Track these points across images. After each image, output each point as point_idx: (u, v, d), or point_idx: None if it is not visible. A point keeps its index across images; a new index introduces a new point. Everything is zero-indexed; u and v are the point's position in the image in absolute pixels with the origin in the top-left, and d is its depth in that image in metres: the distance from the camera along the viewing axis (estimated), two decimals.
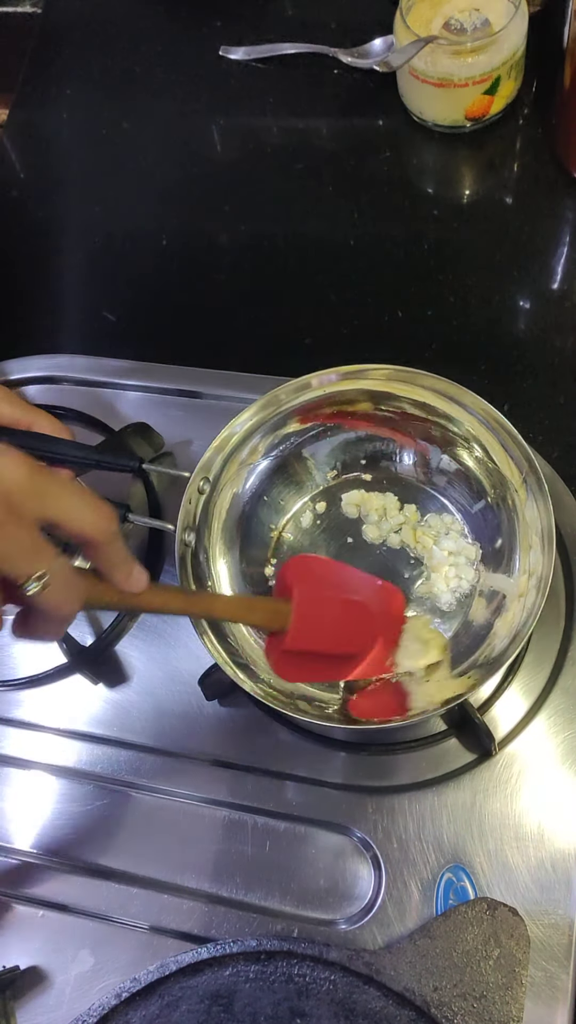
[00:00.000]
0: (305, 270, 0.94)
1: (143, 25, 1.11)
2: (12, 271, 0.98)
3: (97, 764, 0.74)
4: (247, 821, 0.70)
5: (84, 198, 1.02)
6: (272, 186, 0.98)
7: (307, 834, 0.69)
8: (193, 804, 0.72)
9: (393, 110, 0.99)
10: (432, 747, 0.70)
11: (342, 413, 0.77)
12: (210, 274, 0.95)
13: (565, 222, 0.91)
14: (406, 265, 0.92)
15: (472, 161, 0.97)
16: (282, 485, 0.78)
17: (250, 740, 0.73)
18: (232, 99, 1.04)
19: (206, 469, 0.73)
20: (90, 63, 1.10)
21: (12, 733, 0.76)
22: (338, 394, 0.76)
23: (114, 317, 0.94)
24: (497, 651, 0.67)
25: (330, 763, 0.71)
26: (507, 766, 0.69)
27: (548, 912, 0.64)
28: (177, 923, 0.68)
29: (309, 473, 0.78)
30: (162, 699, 0.75)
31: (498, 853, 0.66)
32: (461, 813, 0.68)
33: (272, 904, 0.68)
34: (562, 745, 0.69)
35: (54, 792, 0.74)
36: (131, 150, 1.04)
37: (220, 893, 0.69)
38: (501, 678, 0.71)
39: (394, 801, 0.69)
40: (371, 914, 0.66)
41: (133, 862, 0.71)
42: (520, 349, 0.85)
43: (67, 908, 0.70)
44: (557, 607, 0.73)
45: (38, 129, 1.07)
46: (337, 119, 1.01)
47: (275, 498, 0.78)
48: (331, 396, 0.76)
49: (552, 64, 0.91)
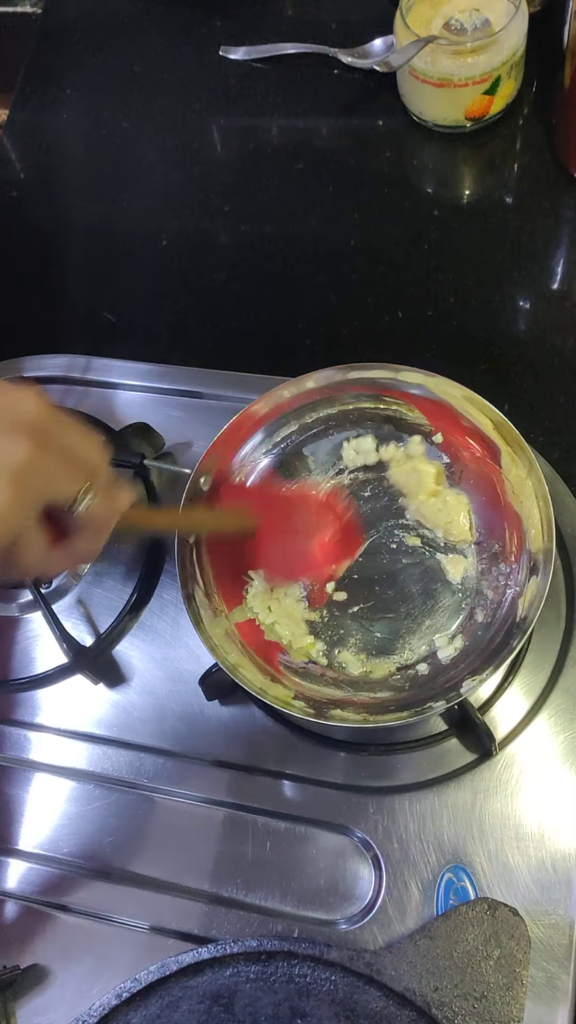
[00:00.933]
0: (305, 270, 0.94)
1: (143, 25, 1.11)
2: (12, 271, 0.98)
3: (97, 764, 0.74)
4: (247, 821, 0.70)
5: (84, 198, 1.02)
6: (272, 186, 0.98)
7: (308, 834, 0.69)
8: (194, 804, 0.72)
9: (393, 110, 0.99)
10: (433, 747, 0.70)
11: (342, 412, 0.77)
12: (210, 274, 0.95)
13: (565, 222, 0.91)
14: (406, 265, 0.92)
15: (472, 161, 0.97)
16: (283, 484, 0.78)
17: (251, 740, 0.73)
18: (232, 99, 1.04)
19: (207, 467, 0.73)
20: (90, 63, 1.10)
21: (13, 733, 0.76)
22: (338, 393, 0.76)
23: (114, 317, 0.94)
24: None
25: (331, 763, 0.71)
26: (507, 766, 0.69)
27: (548, 912, 0.64)
28: (177, 923, 0.68)
29: (309, 471, 0.78)
30: (162, 699, 0.75)
31: (498, 853, 0.66)
32: (462, 813, 0.68)
33: (273, 904, 0.68)
34: (563, 745, 0.69)
35: (55, 792, 0.74)
36: (131, 150, 1.04)
37: (220, 893, 0.69)
38: (502, 678, 0.72)
39: (395, 801, 0.69)
40: (372, 914, 0.66)
41: (134, 862, 0.71)
42: (520, 349, 0.85)
43: (67, 908, 0.70)
44: (558, 607, 0.73)
45: (38, 129, 1.07)
46: (337, 119, 1.01)
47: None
48: (330, 395, 0.76)
49: (552, 64, 0.91)
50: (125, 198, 1.01)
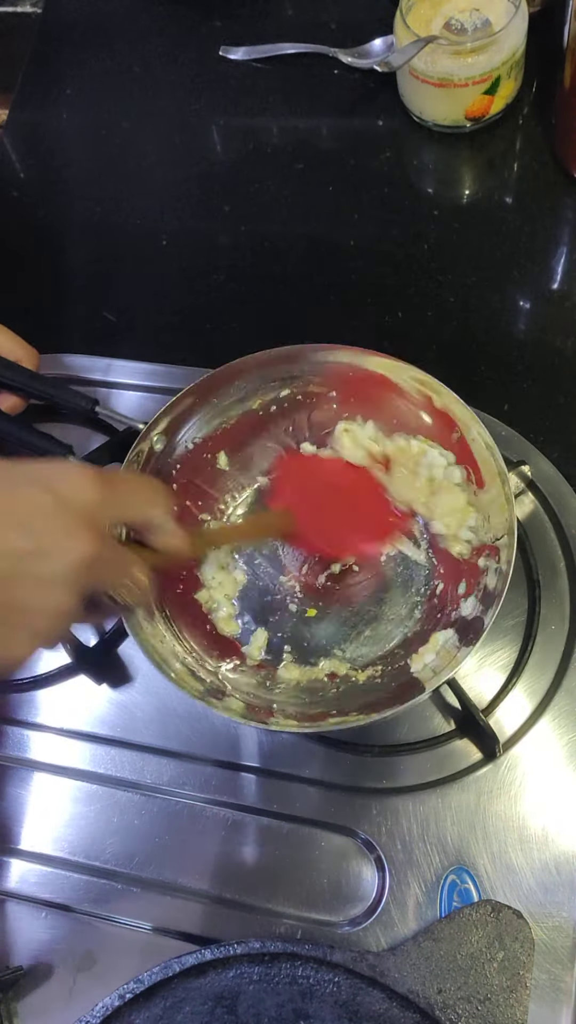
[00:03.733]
0: (305, 270, 0.93)
1: (143, 25, 1.11)
2: (12, 271, 0.98)
3: (100, 764, 0.74)
4: (251, 822, 0.70)
5: (84, 198, 1.02)
6: (272, 186, 0.98)
7: (311, 835, 0.69)
8: (197, 805, 0.72)
9: (393, 110, 0.99)
10: (436, 748, 0.70)
11: (306, 392, 0.78)
12: (210, 274, 0.95)
13: (565, 222, 0.91)
14: (406, 265, 0.92)
15: (472, 161, 0.97)
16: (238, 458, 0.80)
17: (254, 741, 0.73)
18: (232, 99, 1.04)
19: (159, 424, 0.73)
20: (90, 63, 1.10)
21: (16, 733, 0.76)
22: (301, 373, 0.77)
23: (114, 317, 0.94)
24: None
25: (334, 764, 0.71)
26: (511, 768, 0.69)
27: (552, 915, 0.64)
28: (180, 924, 0.68)
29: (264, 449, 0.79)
30: (165, 699, 0.75)
31: (502, 855, 0.66)
32: (465, 815, 0.68)
33: (276, 905, 0.68)
34: (567, 747, 0.69)
35: (57, 792, 0.74)
36: (131, 150, 1.04)
37: (224, 894, 0.69)
38: (505, 680, 0.72)
39: (398, 803, 0.69)
40: (375, 916, 0.66)
41: (136, 863, 0.70)
42: (520, 349, 0.85)
43: (70, 909, 0.70)
44: (561, 609, 0.73)
45: (38, 129, 1.07)
46: (337, 119, 1.01)
47: (229, 469, 0.79)
48: (293, 372, 0.77)
49: (552, 64, 0.91)
50: (125, 198, 1.01)
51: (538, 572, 0.74)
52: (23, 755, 0.75)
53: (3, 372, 0.73)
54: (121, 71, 1.09)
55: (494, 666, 0.72)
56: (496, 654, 0.73)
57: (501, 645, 0.73)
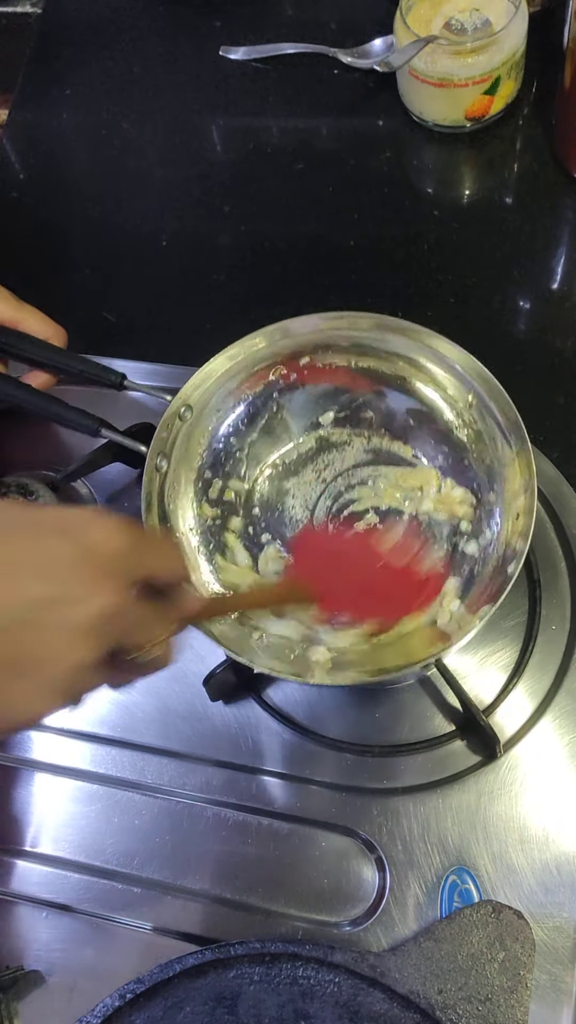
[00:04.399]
0: (305, 270, 0.93)
1: (143, 25, 1.11)
2: (12, 271, 0.98)
3: (101, 764, 0.74)
4: (251, 822, 0.70)
5: (84, 198, 1.02)
6: (272, 186, 0.98)
7: (311, 836, 0.69)
8: (197, 805, 0.72)
9: (393, 110, 0.99)
10: (437, 749, 0.70)
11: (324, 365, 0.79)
12: (210, 274, 0.95)
13: (565, 222, 0.91)
14: (406, 265, 0.92)
15: (472, 161, 0.97)
16: (259, 434, 0.79)
17: (254, 741, 0.73)
18: (232, 99, 1.04)
19: (187, 396, 0.74)
20: (90, 63, 1.10)
21: (16, 734, 0.76)
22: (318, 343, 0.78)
23: (114, 317, 0.94)
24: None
25: (335, 765, 0.71)
26: (512, 768, 0.69)
27: (553, 915, 0.64)
28: (181, 924, 0.68)
29: (286, 425, 0.79)
30: (166, 700, 0.75)
31: (503, 856, 0.66)
32: (466, 815, 0.68)
33: (276, 906, 0.68)
34: (568, 747, 0.69)
35: (58, 792, 0.74)
36: (131, 150, 1.04)
37: (224, 894, 0.69)
38: (506, 680, 0.72)
39: (399, 803, 0.69)
40: (375, 916, 0.66)
41: (137, 863, 0.71)
42: (520, 349, 0.85)
43: (70, 909, 0.70)
44: (562, 609, 0.73)
45: (38, 129, 1.07)
46: (337, 119, 1.01)
47: (251, 445, 0.80)
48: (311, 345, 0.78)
49: (552, 64, 0.91)
50: (125, 198, 1.01)
51: (539, 572, 0.74)
52: (24, 755, 0.75)
53: (34, 351, 0.74)
54: (121, 71, 1.09)
55: (495, 666, 0.73)
56: (497, 654, 0.73)
57: (502, 645, 0.73)
